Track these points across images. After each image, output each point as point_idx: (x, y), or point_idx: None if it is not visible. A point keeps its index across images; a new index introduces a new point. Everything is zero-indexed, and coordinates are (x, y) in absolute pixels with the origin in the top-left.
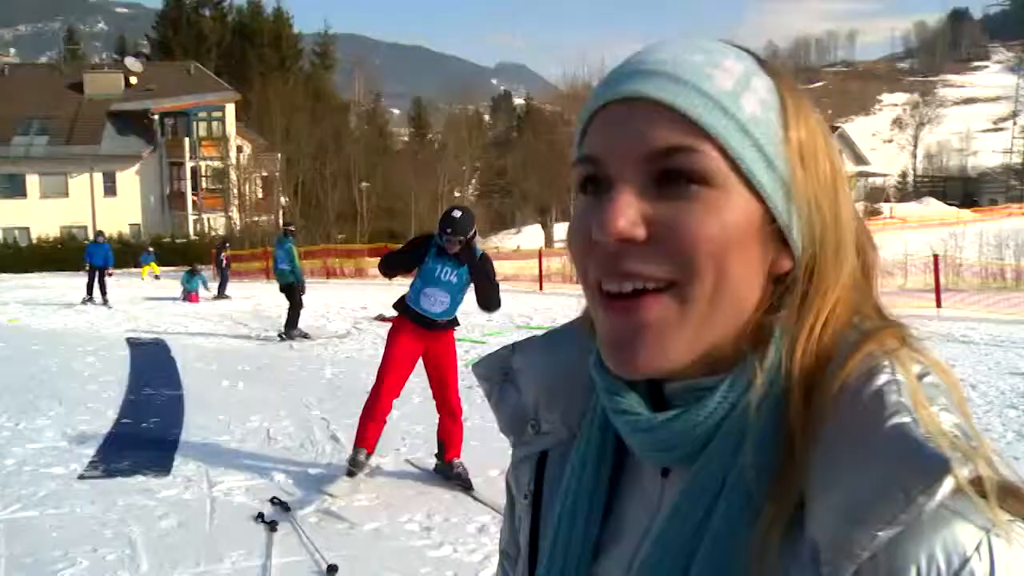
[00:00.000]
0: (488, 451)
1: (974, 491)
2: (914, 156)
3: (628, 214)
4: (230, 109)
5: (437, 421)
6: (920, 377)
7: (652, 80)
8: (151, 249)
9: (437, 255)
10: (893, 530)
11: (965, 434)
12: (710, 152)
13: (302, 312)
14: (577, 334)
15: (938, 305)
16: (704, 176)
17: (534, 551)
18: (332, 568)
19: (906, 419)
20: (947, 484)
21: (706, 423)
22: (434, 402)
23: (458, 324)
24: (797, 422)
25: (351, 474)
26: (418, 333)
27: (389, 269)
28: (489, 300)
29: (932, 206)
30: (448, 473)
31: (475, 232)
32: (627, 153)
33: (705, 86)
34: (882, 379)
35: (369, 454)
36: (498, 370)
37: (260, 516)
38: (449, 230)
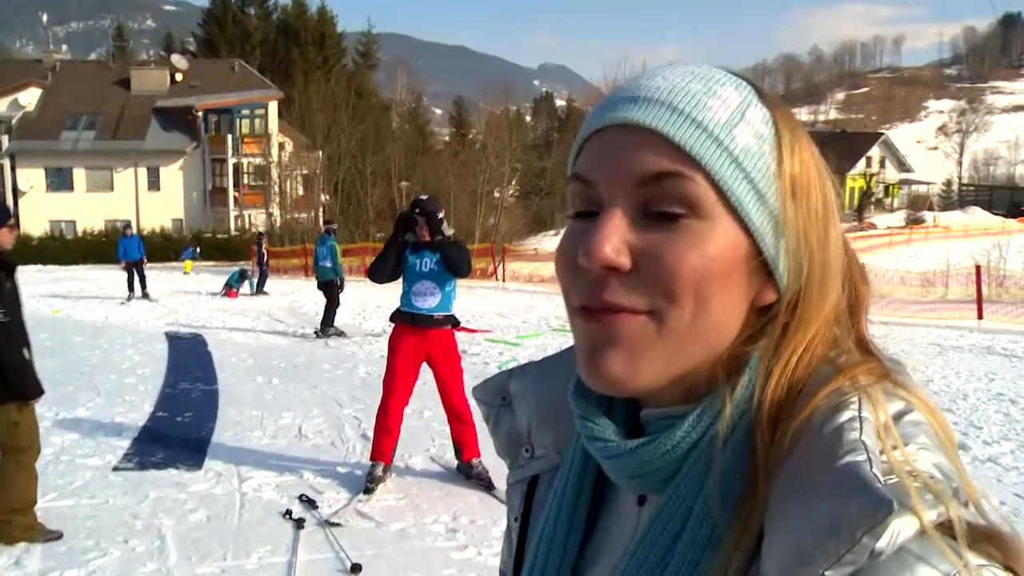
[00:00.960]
0: None
1: (941, 534)
2: (960, 164)
3: (613, 241)
4: (273, 107)
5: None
6: (900, 415)
7: (647, 107)
8: (198, 249)
9: (412, 251)
10: (841, 571)
11: (946, 475)
12: (700, 181)
13: (338, 310)
14: (572, 361)
15: (980, 317)
16: (692, 204)
17: (518, 574)
18: (356, 567)
19: (859, 458)
20: (905, 526)
21: (675, 451)
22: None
23: (457, 322)
24: (762, 455)
25: (369, 491)
26: (416, 337)
27: (378, 274)
28: (457, 262)
29: (977, 215)
30: (468, 473)
31: (443, 215)
32: (617, 178)
33: (700, 115)
34: (845, 416)
35: (387, 466)
36: (496, 394)
37: (288, 513)
38: (417, 210)
